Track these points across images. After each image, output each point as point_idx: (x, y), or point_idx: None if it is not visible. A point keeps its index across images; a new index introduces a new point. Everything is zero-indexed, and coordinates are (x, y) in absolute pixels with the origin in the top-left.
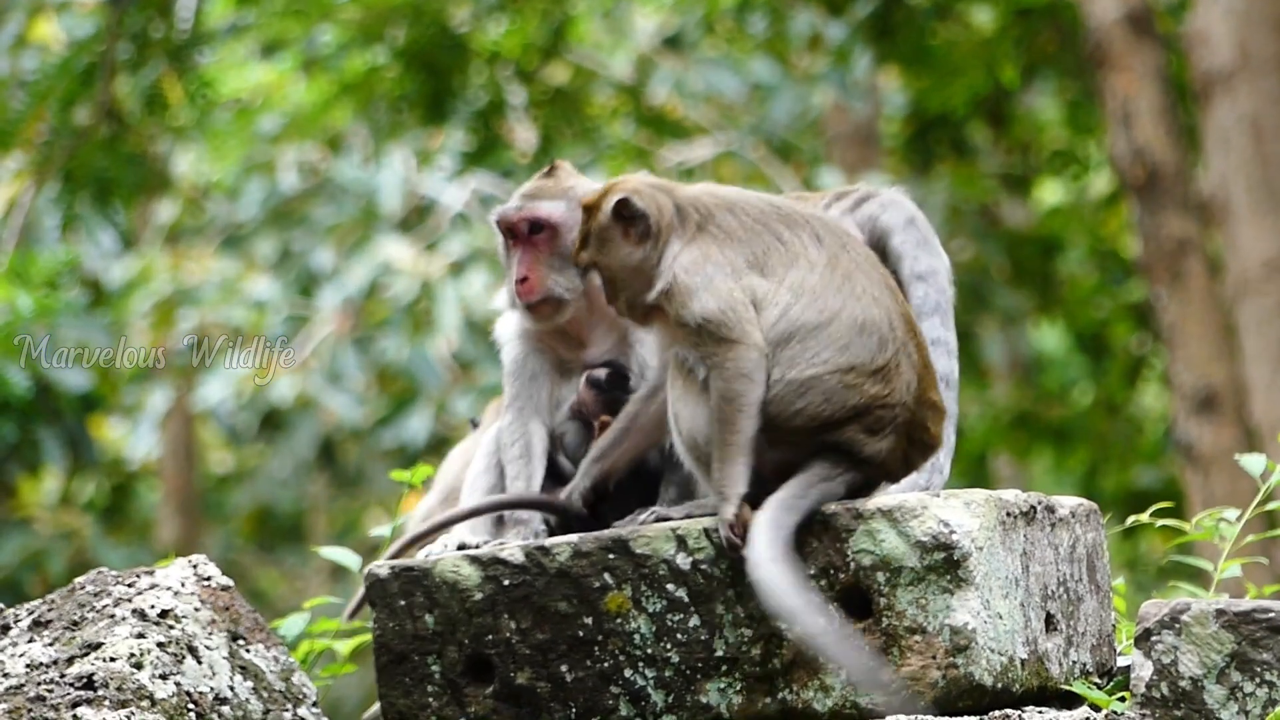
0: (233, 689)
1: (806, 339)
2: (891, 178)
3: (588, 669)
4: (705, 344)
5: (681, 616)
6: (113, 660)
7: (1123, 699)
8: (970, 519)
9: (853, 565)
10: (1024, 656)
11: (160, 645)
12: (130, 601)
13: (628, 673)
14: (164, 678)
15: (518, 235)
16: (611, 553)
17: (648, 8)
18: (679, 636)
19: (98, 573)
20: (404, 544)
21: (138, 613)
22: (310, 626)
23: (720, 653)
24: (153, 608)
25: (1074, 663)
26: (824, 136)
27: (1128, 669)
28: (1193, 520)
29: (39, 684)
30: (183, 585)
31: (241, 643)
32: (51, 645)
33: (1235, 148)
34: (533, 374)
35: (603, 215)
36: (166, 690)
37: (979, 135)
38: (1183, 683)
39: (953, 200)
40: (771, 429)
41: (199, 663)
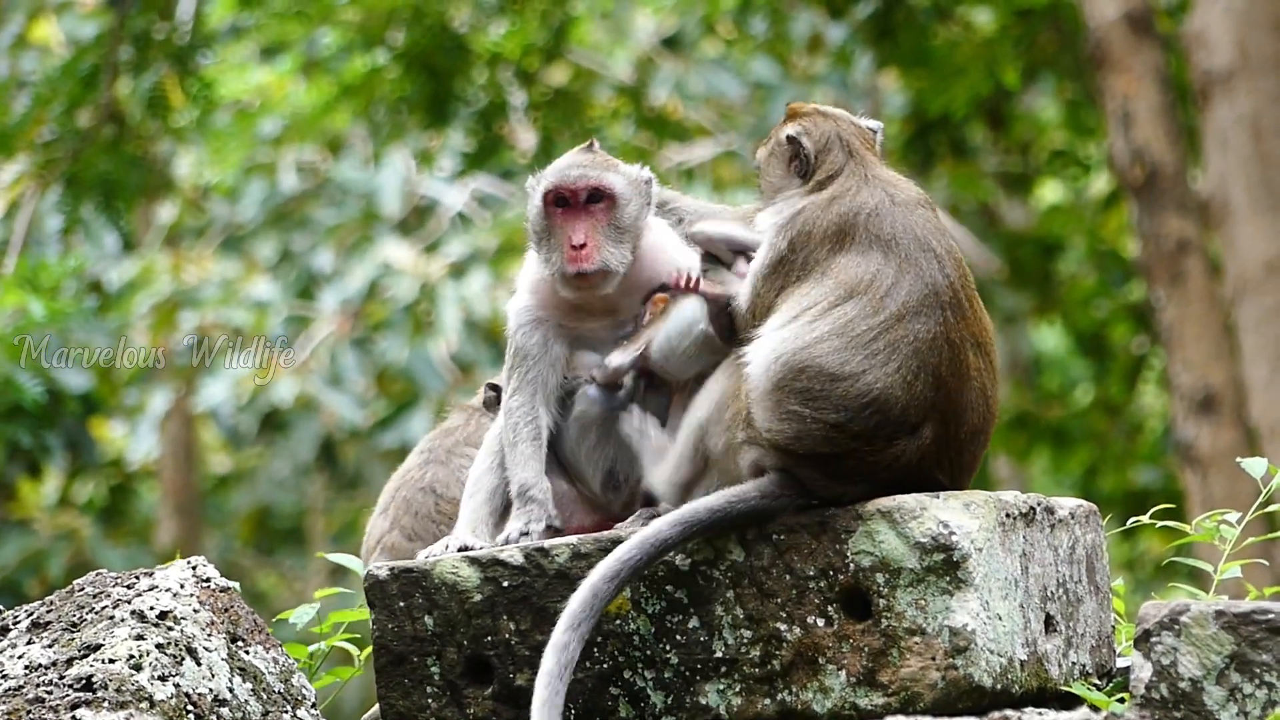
0: (232, 690)
1: (813, 382)
2: None
3: (587, 670)
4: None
5: (681, 618)
6: (112, 662)
7: (1122, 700)
8: (969, 520)
9: (852, 566)
10: (1023, 658)
11: (159, 647)
12: (129, 603)
13: (627, 674)
14: (163, 679)
15: (573, 203)
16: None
17: (648, 9)
18: (678, 638)
19: (97, 574)
20: None
21: (137, 614)
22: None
23: (719, 654)
24: (152, 609)
25: (1073, 664)
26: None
27: (1127, 670)
28: (1193, 522)
29: (38, 685)
30: (182, 587)
31: (241, 644)
32: (51, 647)
33: (1234, 148)
34: (552, 360)
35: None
36: (166, 692)
37: (979, 136)
38: (1182, 684)
39: (953, 200)
40: (752, 428)
41: (198, 664)
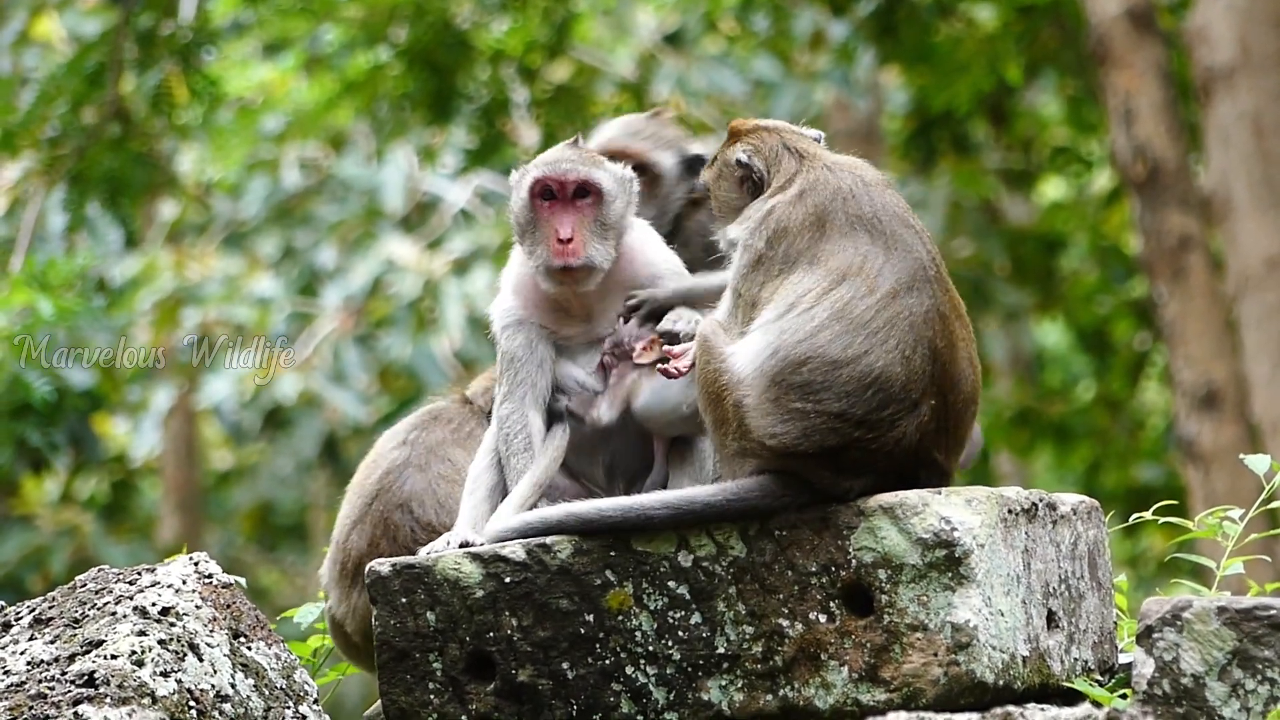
0: (234, 686)
1: (814, 373)
2: (893, 175)
3: (589, 666)
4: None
5: (683, 614)
6: (114, 658)
7: (1124, 696)
8: (972, 516)
9: (854, 562)
10: (1025, 654)
11: (161, 643)
12: (131, 599)
13: (629, 670)
14: (165, 675)
15: (560, 196)
16: (612, 550)
17: (650, 5)
18: (680, 634)
19: (99, 570)
20: None
21: (139, 610)
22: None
23: (722, 650)
24: (154, 605)
25: (1075, 660)
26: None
27: (1129, 666)
28: (1195, 518)
29: (40, 681)
30: (184, 583)
31: (243, 640)
32: (53, 643)
33: (1236, 144)
34: (539, 361)
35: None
36: (168, 688)
37: (981, 132)
38: (1184, 680)
39: (954, 197)
40: (746, 438)
41: (200, 660)
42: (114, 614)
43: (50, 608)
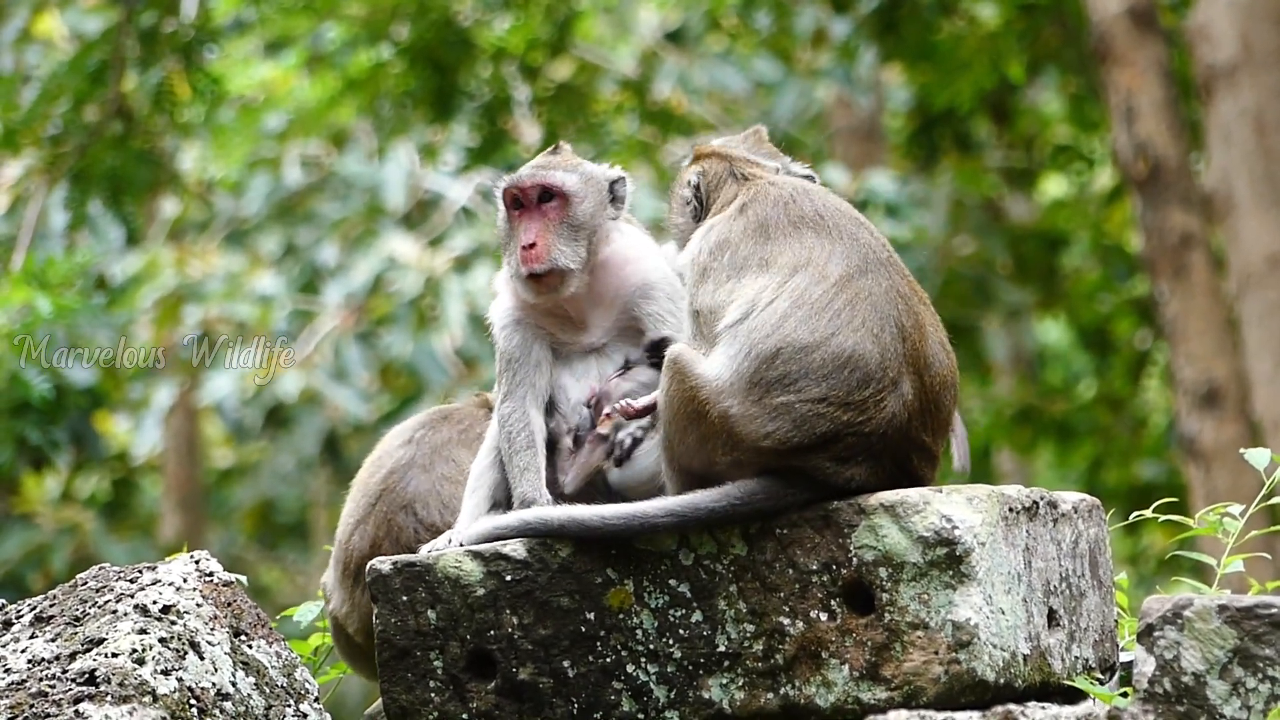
0: (235, 684)
1: (789, 363)
2: (895, 173)
3: (590, 664)
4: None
5: (684, 612)
6: (115, 656)
7: (1125, 694)
8: (973, 514)
9: (855, 560)
10: (1026, 652)
11: (162, 641)
12: (132, 597)
13: (630, 668)
14: (166, 673)
15: (526, 203)
16: (613, 548)
17: (652, 3)
18: (681, 632)
19: (100, 568)
20: None
21: (140, 608)
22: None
23: (723, 648)
24: (155, 603)
25: (1076, 658)
26: (828, 132)
27: (1130, 664)
28: (1196, 516)
29: (41, 679)
30: (185, 581)
31: (244, 638)
32: (54, 641)
33: (1238, 142)
34: (536, 362)
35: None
36: (168, 686)
37: (983, 130)
38: (1185, 678)
39: (956, 195)
40: (739, 448)
41: (201, 658)
42: (115, 612)
43: (51, 606)
